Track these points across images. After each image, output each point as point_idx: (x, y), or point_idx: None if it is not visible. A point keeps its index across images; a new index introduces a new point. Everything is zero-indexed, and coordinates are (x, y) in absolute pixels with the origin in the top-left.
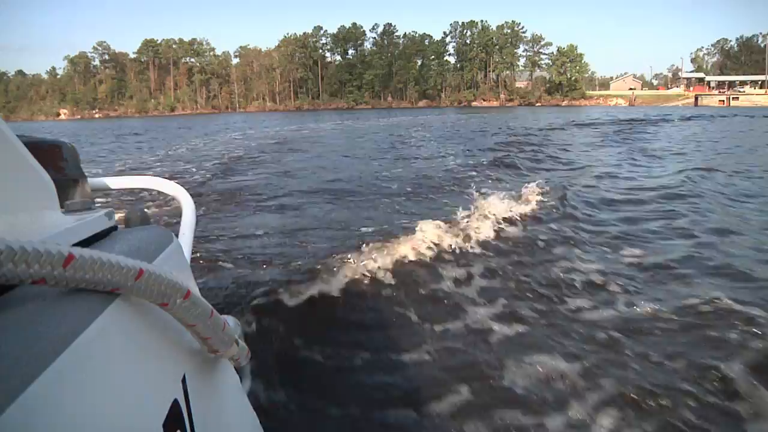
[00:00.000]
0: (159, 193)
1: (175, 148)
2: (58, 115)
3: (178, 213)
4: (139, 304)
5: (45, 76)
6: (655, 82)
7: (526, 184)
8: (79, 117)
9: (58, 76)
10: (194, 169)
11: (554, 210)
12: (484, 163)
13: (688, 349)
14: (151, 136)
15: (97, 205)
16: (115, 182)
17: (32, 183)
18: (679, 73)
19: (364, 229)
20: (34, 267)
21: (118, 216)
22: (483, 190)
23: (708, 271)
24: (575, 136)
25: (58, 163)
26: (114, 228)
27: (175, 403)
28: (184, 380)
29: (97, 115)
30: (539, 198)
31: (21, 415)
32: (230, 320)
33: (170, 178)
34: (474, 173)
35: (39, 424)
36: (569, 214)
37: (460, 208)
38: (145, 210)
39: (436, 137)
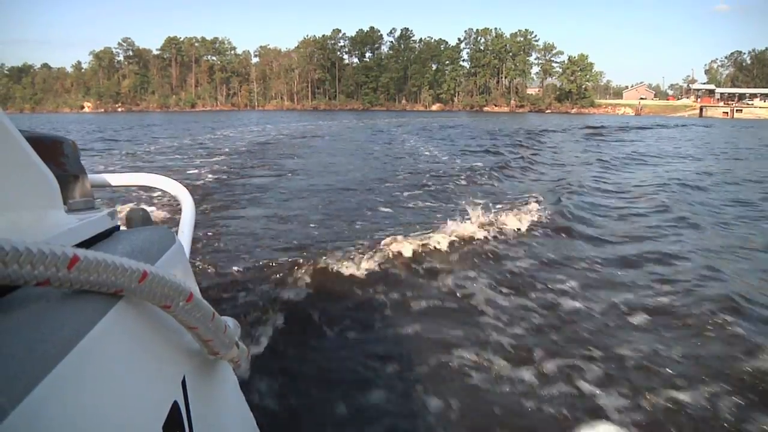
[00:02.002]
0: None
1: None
2: (82, 108)
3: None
4: (142, 306)
5: (69, 70)
6: (670, 92)
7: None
8: (102, 110)
9: (83, 70)
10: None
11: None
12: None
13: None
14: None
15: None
16: (116, 179)
17: (36, 180)
18: (690, 85)
19: (361, 228)
20: (38, 268)
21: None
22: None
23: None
24: (551, 138)
25: (59, 158)
26: (116, 228)
27: (175, 405)
28: (183, 382)
29: (119, 109)
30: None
31: (26, 417)
32: (230, 322)
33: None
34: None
35: (43, 426)
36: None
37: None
38: (146, 209)
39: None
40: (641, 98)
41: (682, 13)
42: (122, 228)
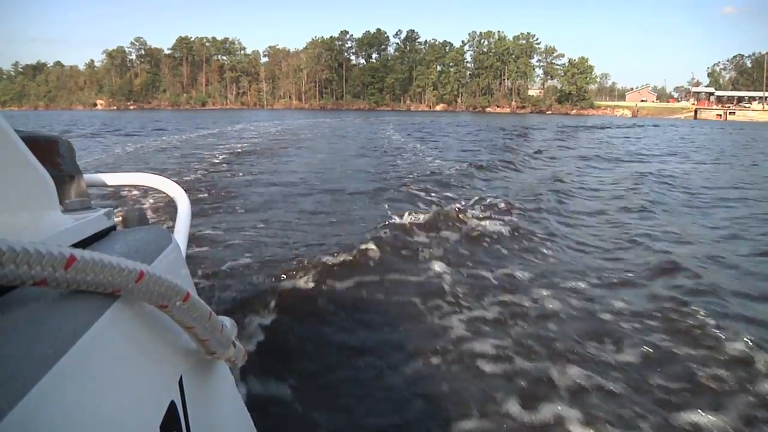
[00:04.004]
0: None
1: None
2: (95, 105)
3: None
4: (139, 305)
5: (82, 68)
6: (675, 95)
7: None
8: (114, 108)
9: (96, 69)
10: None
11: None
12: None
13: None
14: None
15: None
16: (111, 179)
17: (31, 181)
18: (690, 87)
19: (358, 223)
20: (35, 268)
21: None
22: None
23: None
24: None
25: (55, 158)
26: (113, 228)
27: (172, 404)
28: (180, 382)
29: (131, 107)
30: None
31: (23, 418)
32: (227, 321)
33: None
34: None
35: (41, 426)
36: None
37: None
38: (143, 209)
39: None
40: (642, 100)
41: (690, 16)
42: (119, 228)
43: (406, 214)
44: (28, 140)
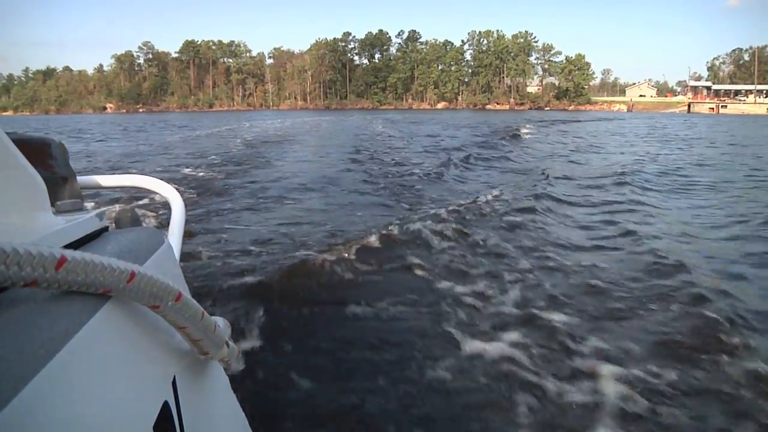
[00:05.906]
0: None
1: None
2: (105, 109)
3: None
4: (131, 306)
5: (90, 72)
6: (678, 89)
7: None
8: (124, 111)
9: (105, 73)
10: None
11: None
12: None
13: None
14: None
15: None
16: (105, 180)
17: (23, 182)
18: (689, 82)
19: (354, 222)
20: (26, 269)
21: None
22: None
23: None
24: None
25: (47, 160)
26: (105, 229)
27: (166, 405)
28: (174, 382)
29: (140, 110)
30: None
31: (14, 418)
32: (220, 321)
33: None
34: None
35: (32, 427)
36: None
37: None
38: (135, 210)
39: None
40: (641, 95)
41: (693, 9)
42: (111, 229)
43: (397, 209)
44: (20, 142)
